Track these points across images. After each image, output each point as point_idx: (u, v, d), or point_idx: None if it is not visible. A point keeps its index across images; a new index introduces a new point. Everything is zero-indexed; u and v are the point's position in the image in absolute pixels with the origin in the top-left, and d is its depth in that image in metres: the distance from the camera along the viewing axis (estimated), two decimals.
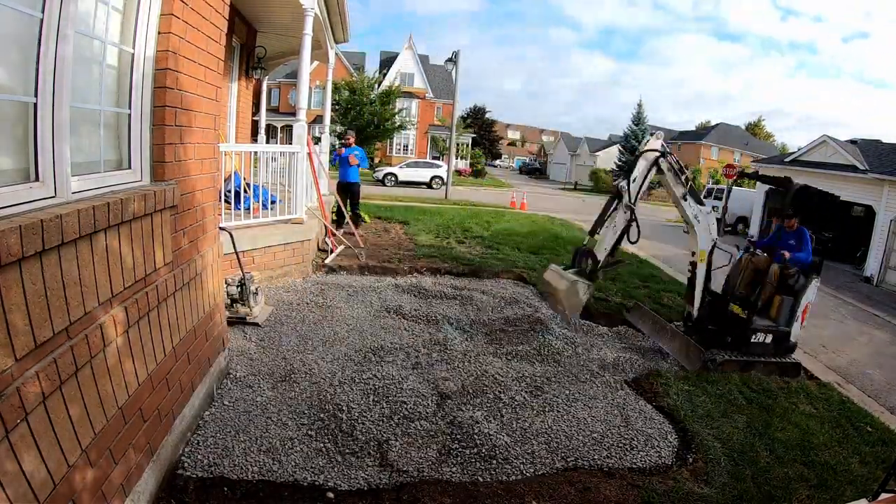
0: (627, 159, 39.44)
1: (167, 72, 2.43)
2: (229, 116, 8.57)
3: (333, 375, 3.82)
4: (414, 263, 7.18)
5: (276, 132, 31.64)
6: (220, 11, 3.01)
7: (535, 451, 3.25)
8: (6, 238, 1.37)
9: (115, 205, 1.93)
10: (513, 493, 2.80)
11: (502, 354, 4.63)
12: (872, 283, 12.85)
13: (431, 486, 2.77)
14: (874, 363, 6.36)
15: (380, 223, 10.43)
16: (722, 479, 3.16)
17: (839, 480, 3.29)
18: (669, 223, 22.20)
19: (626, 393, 4.23)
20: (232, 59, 8.44)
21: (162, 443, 2.48)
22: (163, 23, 2.40)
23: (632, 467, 3.25)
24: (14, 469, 1.42)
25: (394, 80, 23.11)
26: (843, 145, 15.70)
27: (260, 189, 6.10)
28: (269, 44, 9.44)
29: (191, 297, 2.85)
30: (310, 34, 6.21)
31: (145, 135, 2.42)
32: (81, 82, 2.00)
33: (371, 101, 18.01)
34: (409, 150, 37.22)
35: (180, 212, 2.66)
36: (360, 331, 4.78)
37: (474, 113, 55.91)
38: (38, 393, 1.52)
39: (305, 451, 2.94)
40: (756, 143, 48.44)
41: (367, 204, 13.21)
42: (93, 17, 2.03)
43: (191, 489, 2.52)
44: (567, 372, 4.43)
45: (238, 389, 3.48)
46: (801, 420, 4.08)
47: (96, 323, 1.85)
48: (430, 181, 26.44)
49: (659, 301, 6.84)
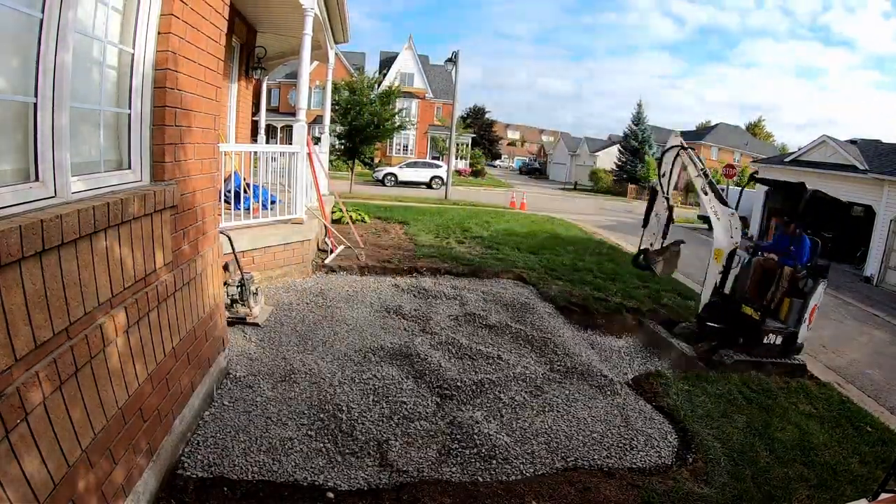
0: (627, 159, 39.50)
1: (167, 72, 2.43)
2: (229, 116, 8.57)
3: (333, 375, 3.82)
4: (414, 263, 7.18)
5: (275, 132, 31.65)
6: (220, 12, 3.02)
7: (534, 451, 3.25)
8: (6, 238, 1.37)
9: (114, 205, 1.93)
10: (513, 493, 2.81)
11: (503, 354, 4.63)
12: (872, 283, 12.85)
13: (431, 486, 2.77)
14: (874, 363, 6.36)
15: (380, 223, 10.43)
16: (722, 479, 3.16)
17: (839, 480, 3.29)
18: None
19: (627, 393, 4.23)
20: (232, 59, 8.43)
21: (162, 443, 2.48)
22: (163, 23, 2.40)
23: (632, 467, 3.26)
24: (14, 469, 1.42)
25: (394, 81, 23.09)
26: (842, 145, 15.70)
27: (260, 189, 6.10)
28: (269, 44, 9.44)
29: (191, 297, 2.85)
30: (310, 34, 6.21)
31: (145, 135, 2.42)
32: (81, 82, 2.00)
33: (371, 101, 17.95)
34: (408, 150, 37.22)
35: (180, 212, 2.66)
36: (359, 331, 4.78)
37: (474, 113, 55.93)
38: (38, 393, 1.52)
39: (305, 451, 2.94)
40: (756, 143, 48.45)
41: (367, 204, 13.22)
42: (93, 17, 2.04)
43: (191, 489, 2.52)
44: (567, 371, 4.43)
45: (238, 389, 3.48)
46: (800, 420, 4.08)
47: (96, 323, 1.85)
48: (430, 181, 26.45)
49: (658, 301, 6.84)
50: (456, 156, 30.27)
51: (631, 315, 6.17)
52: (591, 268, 8.32)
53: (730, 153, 42.63)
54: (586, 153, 48.81)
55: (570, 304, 6.27)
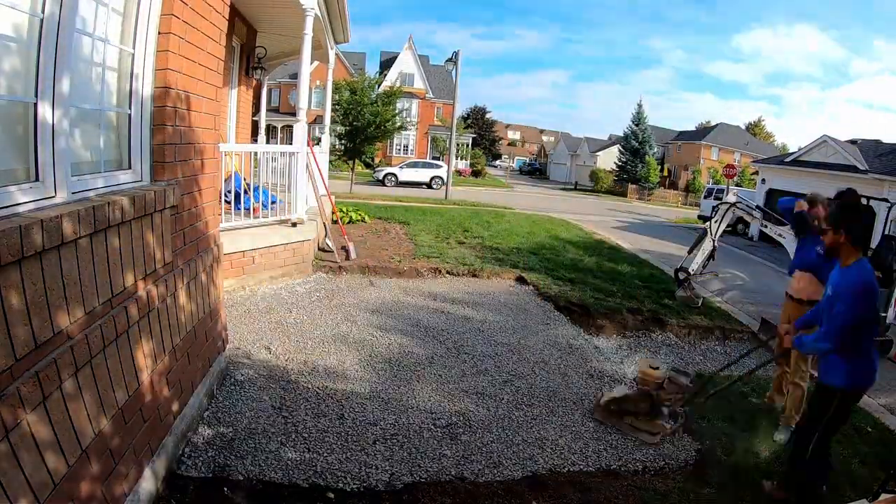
0: (628, 159, 39.51)
1: (167, 72, 2.43)
2: (229, 117, 8.58)
3: (334, 375, 3.82)
4: (414, 263, 7.18)
5: (276, 132, 31.68)
6: (220, 11, 3.02)
7: (535, 450, 3.25)
8: (6, 238, 1.37)
9: (115, 205, 1.93)
10: (513, 493, 2.80)
11: (502, 354, 4.63)
12: None
13: (431, 487, 2.77)
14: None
15: (380, 223, 10.43)
16: (722, 479, 3.16)
17: (839, 480, 3.29)
18: (668, 223, 22.23)
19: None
20: (232, 59, 8.44)
21: (162, 443, 2.48)
22: (163, 23, 2.40)
23: (632, 467, 3.25)
24: (14, 469, 1.42)
25: (394, 81, 23.16)
26: (843, 145, 15.71)
27: (260, 190, 6.10)
28: (269, 44, 9.44)
29: (191, 297, 2.85)
30: (310, 34, 6.21)
31: (145, 135, 2.42)
32: (81, 82, 2.00)
33: (372, 101, 17.96)
34: (409, 150, 37.26)
35: (180, 212, 2.66)
36: (359, 330, 4.78)
37: (474, 113, 55.95)
38: (38, 393, 1.52)
39: (305, 451, 2.94)
40: (756, 143, 48.42)
41: (368, 204, 13.23)
42: (93, 17, 2.04)
43: (191, 489, 2.52)
44: (567, 372, 4.43)
45: (238, 389, 3.48)
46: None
47: (96, 323, 1.85)
48: (430, 181, 26.47)
49: (659, 301, 6.83)
50: (456, 156, 30.27)
51: (631, 315, 6.16)
52: (592, 268, 8.32)
53: (730, 153, 42.61)
54: (586, 153, 48.85)
55: (570, 303, 6.27)
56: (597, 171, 42.77)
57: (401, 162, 29.75)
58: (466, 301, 6.04)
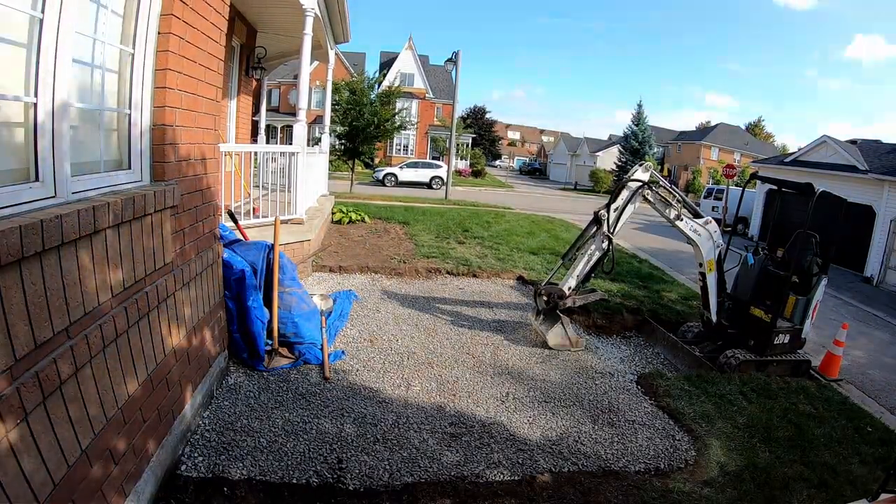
0: (628, 159, 39.48)
1: (167, 72, 2.43)
2: (229, 117, 8.56)
3: (334, 374, 3.82)
4: (414, 264, 7.18)
5: (276, 132, 31.66)
6: (220, 11, 3.02)
7: (535, 451, 3.25)
8: (6, 238, 1.37)
9: (114, 205, 1.93)
10: (513, 493, 2.81)
11: (502, 354, 4.63)
12: (872, 283, 12.84)
13: (431, 487, 2.77)
14: (874, 363, 6.36)
15: (380, 223, 10.42)
16: (722, 479, 3.16)
17: (839, 480, 3.29)
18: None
19: (628, 393, 4.23)
20: (232, 59, 8.43)
21: (162, 443, 2.48)
22: (163, 23, 2.40)
23: (632, 468, 3.25)
24: (14, 469, 1.42)
25: (394, 81, 23.11)
26: (842, 146, 15.69)
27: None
28: (269, 44, 9.43)
29: (191, 297, 2.85)
30: (310, 34, 6.20)
31: (145, 135, 2.42)
32: (81, 83, 2.00)
33: (371, 101, 17.93)
34: (409, 150, 37.22)
35: (180, 212, 2.66)
36: (359, 330, 4.78)
37: (474, 113, 55.90)
38: (37, 393, 1.52)
39: (305, 451, 2.94)
40: (756, 143, 48.39)
41: (368, 204, 13.22)
42: (93, 17, 2.04)
43: (191, 489, 2.51)
44: (568, 372, 4.43)
45: (237, 389, 3.48)
46: (801, 420, 4.07)
47: (96, 323, 1.85)
48: (430, 181, 26.44)
49: (659, 301, 6.83)
50: (456, 156, 30.27)
51: (631, 315, 6.16)
52: None
53: (730, 153, 42.59)
54: (586, 153, 48.78)
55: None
56: (597, 171, 42.70)
57: (401, 162, 29.72)
58: (466, 301, 6.03)
